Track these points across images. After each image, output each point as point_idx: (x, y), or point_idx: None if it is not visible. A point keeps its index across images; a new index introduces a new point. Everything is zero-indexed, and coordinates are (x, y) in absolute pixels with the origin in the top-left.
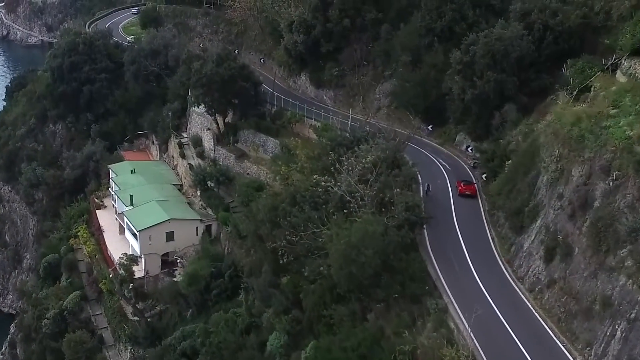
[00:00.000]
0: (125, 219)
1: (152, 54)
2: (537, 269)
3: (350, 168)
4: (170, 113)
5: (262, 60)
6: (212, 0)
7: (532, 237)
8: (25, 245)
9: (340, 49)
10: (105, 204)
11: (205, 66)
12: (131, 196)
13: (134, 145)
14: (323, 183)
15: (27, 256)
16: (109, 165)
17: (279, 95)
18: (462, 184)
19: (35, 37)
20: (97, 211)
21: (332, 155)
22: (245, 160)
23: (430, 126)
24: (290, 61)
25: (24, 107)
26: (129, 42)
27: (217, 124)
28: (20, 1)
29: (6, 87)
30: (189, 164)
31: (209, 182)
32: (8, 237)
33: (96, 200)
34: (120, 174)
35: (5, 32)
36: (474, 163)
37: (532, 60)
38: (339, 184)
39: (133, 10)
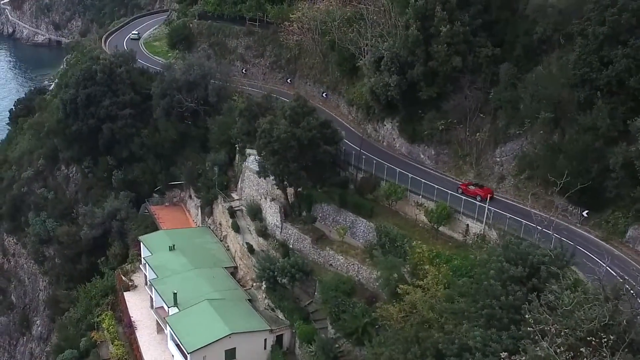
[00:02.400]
0: (169, 329)
1: (188, 86)
2: None
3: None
4: (216, 169)
5: (324, 95)
6: (257, 17)
7: None
8: (34, 309)
9: (446, 94)
10: (136, 283)
11: (277, 126)
12: (175, 294)
13: (165, 197)
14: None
15: (38, 322)
16: (140, 238)
17: (365, 154)
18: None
19: (42, 35)
20: (125, 294)
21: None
22: (327, 247)
23: (586, 212)
24: (375, 105)
25: (31, 143)
26: (157, 68)
27: (285, 193)
28: None
29: (10, 111)
30: (247, 243)
31: (279, 279)
32: (15, 298)
33: (123, 277)
34: (155, 250)
35: (11, 30)
36: None
37: None
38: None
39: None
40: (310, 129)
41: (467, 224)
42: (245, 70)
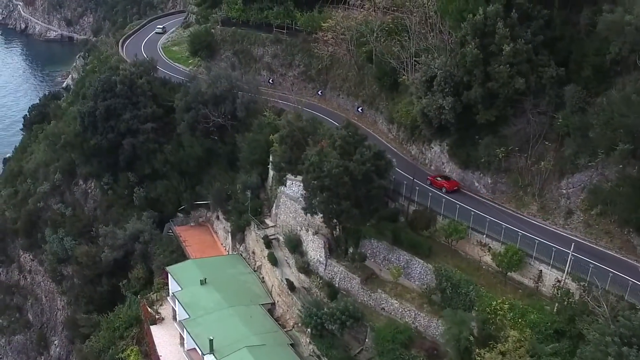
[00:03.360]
0: None
1: (215, 99)
2: None
3: None
4: (249, 193)
5: (359, 110)
6: (285, 24)
7: None
8: (52, 328)
9: (506, 118)
10: (163, 315)
11: (327, 158)
12: (211, 341)
13: (190, 217)
14: None
15: (56, 342)
16: (168, 269)
17: (419, 183)
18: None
19: (54, 31)
20: (151, 327)
21: None
22: (379, 289)
23: None
24: (425, 128)
25: (46, 154)
26: (179, 76)
27: (331, 227)
28: None
29: (24, 117)
30: (287, 279)
31: (327, 325)
32: (31, 316)
33: (149, 309)
34: (185, 284)
35: (23, 26)
36: None
37: None
38: None
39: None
40: (364, 162)
41: (540, 270)
42: (272, 80)
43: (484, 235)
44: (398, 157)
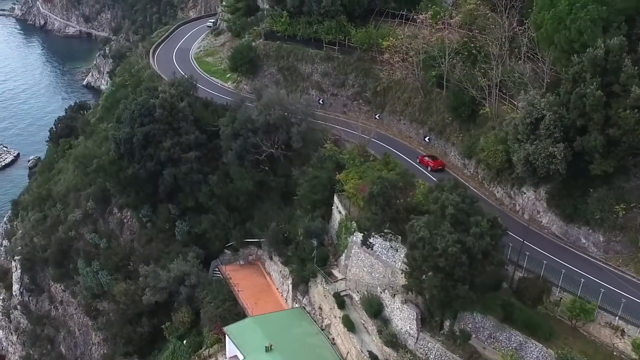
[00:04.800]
0: None
1: (266, 127)
2: None
3: None
4: (315, 242)
5: (427, 139)
6: (337, 40)
7: None
8: None
9: (625, 169)
10: None
11: (439, 231)
12: None
13: (239, 254)
14: None
15: None
16: (226, 330)
17: (530, 246)
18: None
19: (73, 27)
20: None
21: None
22: None
23: None
24: (528, 177)
25: (76, 177)
26: (219, 94)
27: (422, 294)
28: None
29: (50, 131)
30: (369, 351)
31: None
32: (64, 349)
33: None
34: (246, 350)
35: (42, 22)
36: None
37: None
38: None
39: (209, 23)
40: (482, 234)
41: None
42: (322, 101)
43: (617, 318)
44: (480, 201)
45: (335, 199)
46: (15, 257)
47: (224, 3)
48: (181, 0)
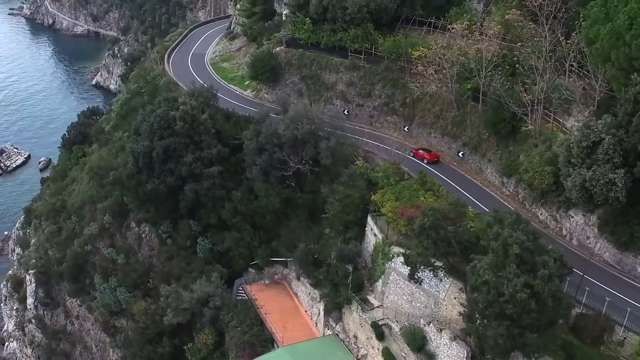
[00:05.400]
0: None
1: (294, 142)
2: None
3: None
4: (350, 268)
5: (460, 154)
6: (363, 49)
7: None
8: None
9: None
10: None
11: (505, 274)
12: None
13: (264, 273)
14: None
15: None
16: None
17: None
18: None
19: (81, 26)
20: None
21: None
22: None
23: None
24: (581, 204)
25: (92, 189)
26: (241, 104)
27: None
28: None
29: (62, 138)
30: None
31: None
32: None
33: None
34: None
35: (50, 21)
36: None
37: None
38: None
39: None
40: (551, 277)
41: None
42: (347, 111)
43: None
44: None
45: (370, 220)
46: (30, 271)
47: (238, 7)
48: (190, 1)
